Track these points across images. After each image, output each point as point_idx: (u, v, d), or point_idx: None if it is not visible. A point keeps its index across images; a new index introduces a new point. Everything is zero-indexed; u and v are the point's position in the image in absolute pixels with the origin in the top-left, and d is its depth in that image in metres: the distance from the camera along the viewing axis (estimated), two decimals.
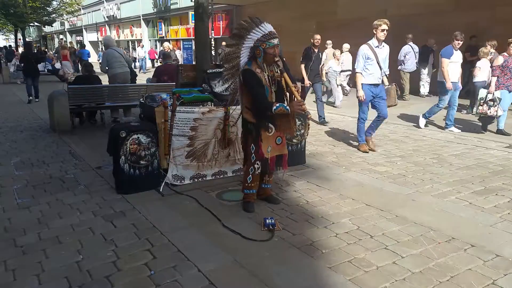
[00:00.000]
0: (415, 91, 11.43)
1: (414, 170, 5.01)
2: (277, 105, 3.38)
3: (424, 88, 11.11)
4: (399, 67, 11.16)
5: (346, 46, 11.95)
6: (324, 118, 8.18)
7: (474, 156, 5.63)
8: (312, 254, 2.98)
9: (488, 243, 3.12)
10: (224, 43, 17.73)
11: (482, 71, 8.08)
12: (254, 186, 3.79)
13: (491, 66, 7.40)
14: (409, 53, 10.86)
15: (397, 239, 3.19)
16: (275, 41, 3.45)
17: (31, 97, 11.73)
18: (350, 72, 11.46)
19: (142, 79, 14.14)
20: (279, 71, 3.52)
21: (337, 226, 3.45)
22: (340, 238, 3.22)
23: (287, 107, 3.39)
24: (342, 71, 11.47)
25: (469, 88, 11.08)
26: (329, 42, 12.16)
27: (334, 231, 3.35)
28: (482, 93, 6.98)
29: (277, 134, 3.66)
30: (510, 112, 7.58)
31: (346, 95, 11.52)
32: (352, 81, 10.81)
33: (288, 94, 3.62)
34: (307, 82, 7.92)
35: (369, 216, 3.65)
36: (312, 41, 7.98)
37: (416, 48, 10.99)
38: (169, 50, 13.22)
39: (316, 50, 8.00)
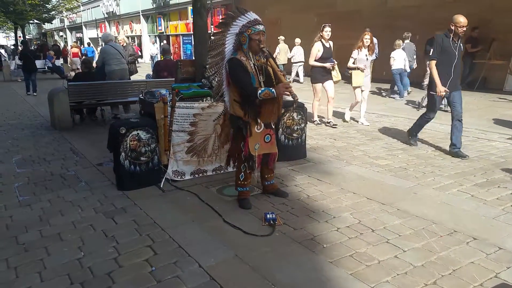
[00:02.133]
0: (417, 83, 11.36)
1: (415, 163, 4.99)
2: (262, 89, 3.36)
3: (427, 80, 11.01)
4: None
5: (297, 41, 13.79)
6: (459, 148, 5.24)
7: (476, 148, 5.61)
8: (313, 248, 2.97)
9: (490, 236, 3.11)
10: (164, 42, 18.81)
11: (397, 61, 10.04)
12: (247, 184, 3.76)
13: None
14: None
15: (398, 233, 3.18)
16: (260, 27, 3.43)
17: (29, 92, 12.77)
18: (302, 63, 13.83)
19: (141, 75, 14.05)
20: (264, 57, 3.47)
21: (338, 220, 3.44)
22: (341, 232, 3.21)
23: (273, 90, 3.34)
24: (294, 62, 13.85)
25: (470, 80, 11.06)
26: (281, 37, 14.29)
27: (335, 225, 3.34)
28: None
29: (266, 131, 3.63)
30: None
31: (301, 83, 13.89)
32: (307, 71, 11.68)
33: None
34: (441, 89, 5.05)
35: (370, 210, 3.64)
36: (452, 27, 5.02)
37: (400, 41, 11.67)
38: (124, 44, 12.30)
39: (457, 41, 5.08)
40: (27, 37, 35.16)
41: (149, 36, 29.28)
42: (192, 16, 9.14)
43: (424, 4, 12.27)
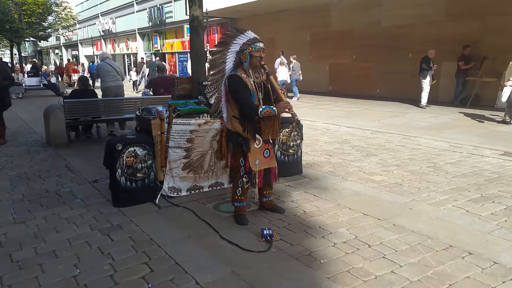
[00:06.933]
0: (415, 101, 11.47)
1: (410, 179, 5.03)
2: (263, 107, 3.41)
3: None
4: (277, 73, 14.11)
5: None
6: None
7: (470, 164, 5.67)
8: (311, 264, 2.97)
9: (485, 251, 3.13)
10: (157, 58, 19.44)
11: (281, 75, 13.49)
12: (244, 199, 3.78)
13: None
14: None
15: (395, 248, 3.19)
16: (261, 44, 3.51)
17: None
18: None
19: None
20: (265, 74, 3.56)
21: (335, 236, 3.44)
22: (338, 248, 3.22)
23: (274, 108, 3.41)
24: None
25: (463, 97, 11.24)
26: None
27: (332, 241, 3.34)
28: None
29: (265, 146, 3.67)
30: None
31: None
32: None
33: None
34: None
35: (366, 225, 3.65)
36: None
37: (285, 60, 13.94)
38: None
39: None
40: (22, 54, 35.24)
41: (145, 53, 29.54)
42: (188, 34, 9.27)
43: (416, 24, 12.53)
